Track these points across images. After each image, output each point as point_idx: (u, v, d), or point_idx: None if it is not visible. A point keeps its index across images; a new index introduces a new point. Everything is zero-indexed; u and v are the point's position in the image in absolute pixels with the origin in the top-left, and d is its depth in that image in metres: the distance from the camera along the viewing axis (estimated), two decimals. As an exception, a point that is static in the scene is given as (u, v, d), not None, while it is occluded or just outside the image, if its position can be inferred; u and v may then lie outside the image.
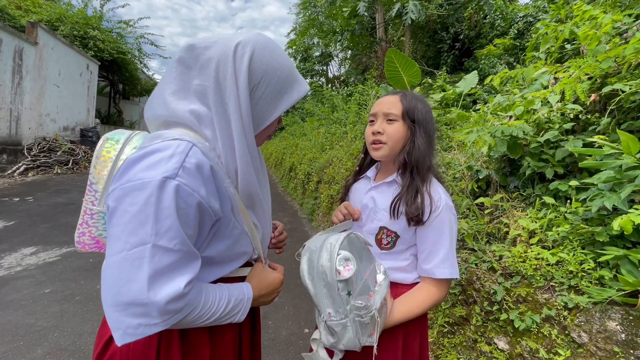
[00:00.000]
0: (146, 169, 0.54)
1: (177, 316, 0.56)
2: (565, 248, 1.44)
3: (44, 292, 2.49)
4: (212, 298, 0.62)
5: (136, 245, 0.52)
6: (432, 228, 0.88)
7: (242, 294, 0.68)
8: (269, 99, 0.66)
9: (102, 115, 15.94)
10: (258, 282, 0.73)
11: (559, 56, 2.86)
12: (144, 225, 0.52)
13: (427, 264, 0.89)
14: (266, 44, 0.66)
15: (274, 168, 10.75)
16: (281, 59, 0.67)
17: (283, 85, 0.67)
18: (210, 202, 0.59)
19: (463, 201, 2.07)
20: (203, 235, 0.62)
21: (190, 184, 0.55)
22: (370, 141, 0.95)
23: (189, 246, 0.56)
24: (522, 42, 6.67)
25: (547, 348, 1.28)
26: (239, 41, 0.63)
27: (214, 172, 0.61)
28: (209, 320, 0.62)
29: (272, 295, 0.77)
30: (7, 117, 7.21)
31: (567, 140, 1.69)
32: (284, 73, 0.67)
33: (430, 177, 0.93)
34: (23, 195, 5.25)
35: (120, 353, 0.63)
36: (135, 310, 0.52)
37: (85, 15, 11.96)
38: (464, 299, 1.71)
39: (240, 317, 0.67)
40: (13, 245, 3.31)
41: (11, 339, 1.96)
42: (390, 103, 0.93)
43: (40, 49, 8.17)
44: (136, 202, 0.52)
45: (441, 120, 3.60)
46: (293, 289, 2.81)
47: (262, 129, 0.68)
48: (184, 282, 0.54)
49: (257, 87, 0.64)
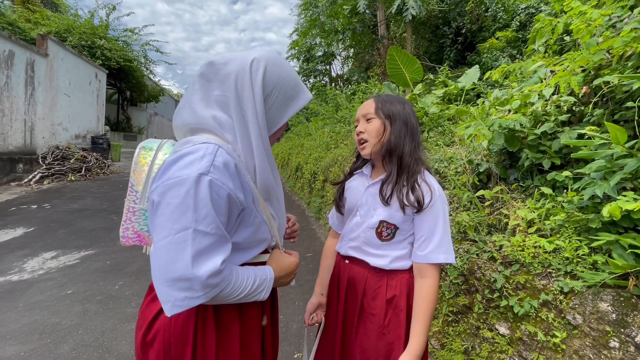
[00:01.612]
0: (183, 168, 0.64)
1: (215, 290, 0.66)
2: (561, 236, 1.49)
3: (67, 293, 2.62)
4: (241, 277, 0.72)
5: (180, 231, 0.62)
6: (428, 216, 0.96)
7: (265, 274, 0.78)
8: (279, 106, 0.78)
9: (111, 122, 16.28)
10: (277, 265, 0.83)
11: (558, 48, 2.88)
12: (185, 214, 0.62)
13: (423, 250, 0.96)
14: (276, 59, 0.78)
15: (280, 168, 10.86)
16: (289, 72, 0.79)
17: (291, 94, 0.79)
18: (237, 193, 0.70)
19: (464, 194, 2.13)
20: (231, 222, 0.72)
21: (221, 178, 0.66)
22: (357, 140, 1.06)
23: (222, 231, 0.67)
24: (524, 34, 6.64)
25: (545, 331, 1.34)
26: (254, 57, 0.74)
27: (238, 169, 0.71)
28: (239, 297, 0.72)
29: (290, 276, 0.87)
30: (21, 127, 7.45)
31: (563, 131, 1.74)
32: (291, 84, 0.79)
33: (423, 169, 1.00)
34: (40, 203, 5.45)
35: (163, 330, 0.74)
36: (182, 285, 0.62)
37: (92, 25, 12.23)
38: (466, 288, 1.78)
39: (265, 295, 0.77)
40: (34, 250, 3.46)
41: (39, 337, 2.09)
42: (367, 106, 1.05)
43: (51, 60, 8.41)
44: (177, 195, 0.63)
45: (443, 115, 3.64)
46: (302, 285, 2.90)
47: (273, 132, 0.80)
48: (220, 260, 0.65)
49: (269, 96, 0.76)
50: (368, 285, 1.02)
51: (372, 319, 1.01)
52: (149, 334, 0.75)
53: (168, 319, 0.74)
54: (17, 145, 7.31)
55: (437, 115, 3.68)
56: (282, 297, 2.67)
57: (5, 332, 2.10)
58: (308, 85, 16.36)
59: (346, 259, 1.09)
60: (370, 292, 1.02)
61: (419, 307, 0.95)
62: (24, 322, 2.22)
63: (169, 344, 0.73)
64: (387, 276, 1.01)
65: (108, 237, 3.98)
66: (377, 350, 0.99)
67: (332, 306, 1.12)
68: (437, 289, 0.97)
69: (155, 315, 0.76)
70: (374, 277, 1.02)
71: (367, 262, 1.02)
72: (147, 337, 0.75)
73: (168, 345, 0.73)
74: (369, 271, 1.03)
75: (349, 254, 1.07)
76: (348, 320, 1.05)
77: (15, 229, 4.09)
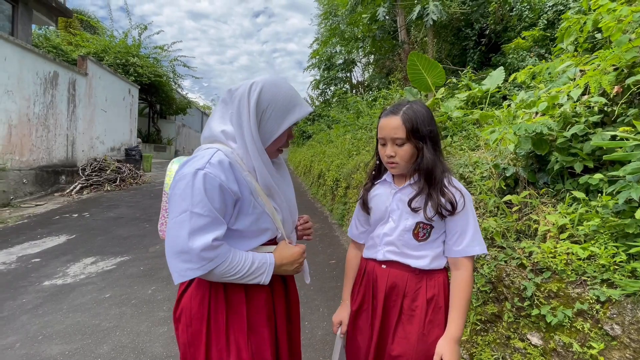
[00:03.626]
0: (187, 167, 0.84)
1: (210, 264, 0.80)
2: (596, 242, 1.43)
3: (105, 297, 2.79)
4: (239, 257, 0.86)
5: (181, 213, 0.80)
6: (460, 215, 1.02)
7: (265, 259, 0.90)
8: (275, 119, 0.91)
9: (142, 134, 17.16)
10: (279, 253, 0.94)
11: (589, 46, 2.77)
12: (185, 200, 0.80)
13: (459, 245, 1.02)
14: (274, 81, 0.93)
15: (303, 176, 10.97)
16: (284, 91, 0.92)
17: (285, 109, 0.92)
18: (229, 184, 0.84)
19: (491, 199, 2.08)
20: (229, 209, 0.87)
21: (214, 172, 0.82)
22: (385, 162, 1.07)
23: (215, 214, 0.82)
24: (552, 33, 6.38)
25: (581, 342, 1.28)
26: (254, 81, 0.91)
27: (232, 166, 0.87)
28: (237, 276, 0.85)
29: (294, 265, 0.96)
30: (64, 142, 8.04)
31: (595, 133, 1.67)
32: (286, 100, 0.92)
33: (448, 175, 1.04)
34: (80, 212, 5.83)
35: (185, 309, 0.91)
36: (183, 257, 0.79)
37: (125, 45, 13.07)
38: (494, 296, 1.73)
39: (265, 279, 0.89)
40: (76, 256, 3.71)
41: (81, 337, 2.23)
42: (394, 128, 1.01)
43: (90, 79, 9.05)
44: (180, 187, 0.81)
45: (467, 120, 3.57)
46: (327, 292, 2.91)
47: (273, 140, 0.93)
48: (211, 237, 0.80)
49: (265, 111, 0.90)
50: (409, 287, 1.05)
51: (412, 320, 1.03)
52: (177, 312, 0.93)
53: (189, 299, 0.91)
54: (60, 158, 7.88)
55: (460, 120, 3.61)
56: (306, 304, 2.70)
57: (52, 332, 2.27)
58: (329, 94, 16.49)
59: (383, 264, 1.10)
60: (410, 294, 1.05)
61: (456, 296, 1.01)
62: (67, 323, 2.38)
63: (190, 319, 0.90)
64: (426, 276, 1.06)
65: (141, 243, 4.19)
66: (417, 352, 1.01)
67: (365, 313, 1.13)
68: (473, 280, 1.04)
69: (180, 296, 0.94)
70: (414, 278, 1.05)
71: (409, 265, 1.05)
72: (176, 314, 0.94)
73: (190, 320, 0.90)
74: (409, 273, 1.06)
75: (388, 258, 1.08)
76: (385, 325, 1.07)
77: (59, 237, 4.40)
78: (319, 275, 3.27)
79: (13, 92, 6.36)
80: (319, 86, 16.55)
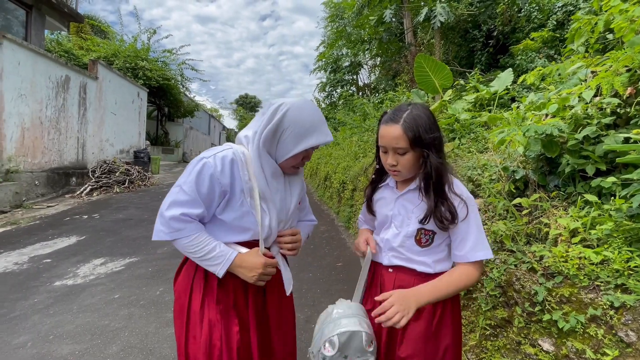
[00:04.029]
0: (202, 155, 1.00)
1: (176, 233, 0.95)
2: (609, 246, 1.40)
3: (114, 298, 2.82)
4: (202, 239, 0.97)
5: (176, 185, 0.98)
6: (463, 222, 0.99)
7: (226, 253, 0.98)
8: (291, 140, 0.99)
9: (151, 137, 17.37)
10: (243, 256, 1.00)
11: (600, 47, 2.73)
12: (183, 177, 0.97)
13: (461, 251, 1.00)
14: (302, 105, 1.01)
15: (309, 178, 10.99)
16: (307, 117, 0.99)
17: (304, 133, 0.99)
18: (220, 177, 0.96)
19: (500, 202, 2.05)
20: (215, 198, 0.98)
21: (212, 163, 0.96)
22: (387, 169, 1.05)
23: (196, 196, 0.95)
24: (562, 34, 6.31)
25: (594, 348, 1.26)
26: (283, 102, 1.00)
27: (234, 163, 0.99)
28: (196, 255, 0.97)
29: (252, 272, 0.99)
30: (75, 144, 8.19)
31: (607, 135, 1.64)
32: (306, 125, 0.99)
33: (451, 179, 1.01)
34: (90, 213, 5.92)
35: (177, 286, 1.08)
36: (160, 219, 0.97)
37: (135, 49, 13.27)
38: (504, 300, 1.70)
39: (220, 271, 0.97)
40: (86, 257, 3.76)
41: (90, 337, 2.26)
42: (396, 138, 0.96)
43: (100, 82, 9.21)
44: (189, 166, 0.99)
45: (475, 122, 3.54)
46: (334, 294, 2.90)
47: (286, 158, 1.01)
48: (181, 211, 0.95)
49: (285, 131, 0.99)
50: None
51: (420, 323, 1.03)
52: (175, 286, 1.10)
53: (180, 279, 1.07)
54: (71, 160, 8.02)
55: (468, 122, 3.58)
56: (313, 306, 2.69)
57: (62, 332, 2.30)
58: (335, 96, 16.50)
59: (389, 268, 1.10)
60: None
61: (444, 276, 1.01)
62: (77, 323, 2.41)
63: (179, 293, 1.06)
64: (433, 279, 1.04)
65: (150, 245, 4.23)
66: (426, 353, 1.01)
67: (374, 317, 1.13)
68: (473, 281, 1.01)
69: (177, 272, 1.11)
70: (421, 281, 1.04)
71: (414, 269, 1.05)
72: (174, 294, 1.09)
73: (178, 294, 1.06)
74: (415, 277, 1.05)
75: (393, 263, 1.08)
76: (394, 328, 1.06)
77: (70, 238, 4.47)
78: (325, 278, 3.26)
79: (26, 95, 6.51)
80: (326, 89, 16.57)
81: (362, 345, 0.94)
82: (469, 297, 1.96)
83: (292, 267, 1.23)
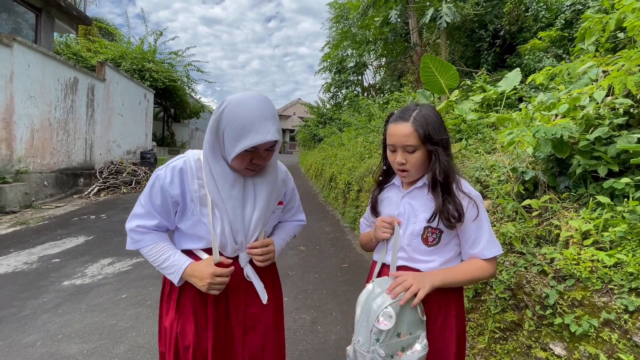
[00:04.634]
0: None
1: (136, 244, 1.02)
2: (623, 249, 1.37)
3: (122, 297, 2.84)
4: (158, 249, 1.02)
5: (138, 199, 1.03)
6: (475, 222, 0.99)
7: (179, 263, 1.01)
8: (230, 140, 0.93)
9: (157, 138, 17.50)
10: (195, 265, 1.01)
11: (611, 46, 2.69)
12: (144, 190, 1.02)
13: (474, 249, 1.00)
14: (239, 100, 0.93)
15: (314, 179, 10.98)
16: (243, 113, 0.91)
17: (240, 132, 0.91)
18: (170, 187, 0.98)
19: (509, 204, 2.03)
20: (170, 208, 1.01)
21: (164, 175, 0.99)
22: (396, 168, 1.04)
23: (150, 208, 1.00)
24: (570, 33, 6.23)
25: (608, 353, 1.23)
26: (225, 99, 0.95)
27: (183, 172, 0.99)
28: (154, 264, 1.02)
29: (202, 282, 0.99)
30: (83, 145, 8.28)
31: (620, 136, 1.61)
32: (242, 123, 0.90)
33: (458, 178, 1.01)
34: (98, 214, 5.98)
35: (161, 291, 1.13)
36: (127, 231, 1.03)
37: (142, 51, 13.40)
38: (514, 303, 1.68)
39: (174, 279, 1.00)
40: (94, 257, 3.80)
41: (99, 337, 2.28)
42: (405, 135, 0.97)
43: (108, 84, 9.31)
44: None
45: (482, 123, 3.51)
46: (340, 296, 2.89)
47: (231, 159, 0.94)
48: (137, 223, 1.01)
49: (225, 130, 0.93)
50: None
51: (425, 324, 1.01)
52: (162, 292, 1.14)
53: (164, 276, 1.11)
54: (79, 161, 8.12)
55: (475, 122, 3.55)
56: (319, 308, 2.68)
57: (71, 332, 2.32)
58: (340, 97, 16.48)
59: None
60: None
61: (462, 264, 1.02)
62: (86, 323, 2.43)
63: (161, 296, 1.13)
64: None
65: (156, 245, 4.26)
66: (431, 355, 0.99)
67: None
68: (487, 275, 1.01)
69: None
70: None
71: (418, 269, 1.03)
72: None
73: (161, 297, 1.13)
74: None
75: (398, 263, 1.07)
76: None
77: (78, 237, 4.52)
78: (331, 280, 3.25)
79: (36, 97, 6.60)
80: (331, 89, 16.56)
81: (417, 315, 0.92)
82: (477, 299, 1.93)
83: (298, 268, 1.22)
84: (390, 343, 0.88)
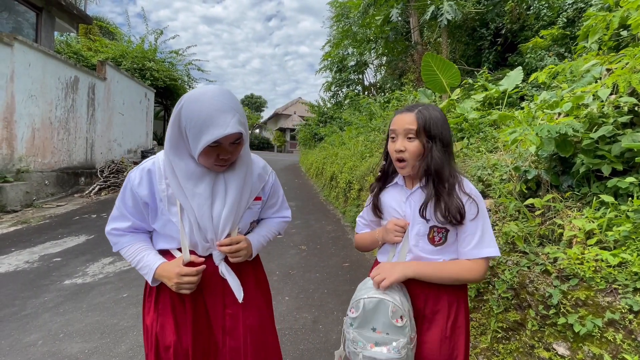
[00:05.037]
0: None
1: (115, 246, 1.06)
2: (627, 248, 1.36)
3: (123, 297, 2.84)
4: (132, 251, 1.03)
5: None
6: (472, 221, 0.99)
7: (151, 264, 1.01)
8: (192, 137, 0.91)
9: (158, 137, 17.49)
10: (165, 265, 1.01)
11: (614, 44, 2.67)
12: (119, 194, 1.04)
13: (464, 248, 0.99)
14: (196, 97, 0.91)
15: (315, 178, 10.97)
16: (202, 109, 0.88)
17: (200, 128, 0.89)
18: (138, 189, 0.99)
19: (511, 203, 2.02)
20: (140, 210, 1.02)
21: (134, 176, 1.00)
22: (395, 158, 1.03)
23: (123, 210, 1.02)
24: (572, 31, 6.20)
25: (612, 353, 1.22)
26: (182, 97, 0.94)
27: (151, 173, 1.00)
28: (132, 264, 1.04)
29: (171, 281, 0.99)
30: (84, 144, 8.28)
31: (624, 134, 1.60)
32: (201, 118, 0.88)
33: (460, 178, 1.00)
34: (99, 213, 5.98)
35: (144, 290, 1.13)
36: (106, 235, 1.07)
37: (142, 50, 13.37)
38: (517, 303, 1.67)
39: (148, 278, 1.02)
40: (95, 256, 3.80)
41: (100, 336, 2.27)
42: (408, 122, 1.00)
43: (108, 83, 9.30)
44: None
45: (484, 121, 3.49)
46: (341, 295, 2.88)
47: (197, 156, 0.93)
48: (112, 226, 1.05)
49: (186, 128, 0.91)
50: (430, 291, 1.03)
51: (436, 323, 1.02)
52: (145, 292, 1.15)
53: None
54: (80, 160, 8.12)
55: (477, 121, 3.54)
56: (320, 307, 2.68)
57: (72, 331, 2.32)
58: (341, 95, 16.44)
59: None
60: (432, 297, 1.03)
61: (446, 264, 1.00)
62: (87, 322, 2.43)
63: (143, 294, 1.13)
64: None
65: (157, 244, 4.25)
66: (441, 355, 1.00)
67: None
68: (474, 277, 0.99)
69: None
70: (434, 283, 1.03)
71: None
72: None
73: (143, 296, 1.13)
74: None
75: None
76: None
77: (79, 237, 4.52)
78: (332, 279, 3.24)
79: (36, 96, 6.59)
80: (331, 88, 16.53)
81: (388, 315, 0.92)
82: (480, 299, 1.93)
83: (299, 267, 1.21)
84: (363, 332, 0.95)
